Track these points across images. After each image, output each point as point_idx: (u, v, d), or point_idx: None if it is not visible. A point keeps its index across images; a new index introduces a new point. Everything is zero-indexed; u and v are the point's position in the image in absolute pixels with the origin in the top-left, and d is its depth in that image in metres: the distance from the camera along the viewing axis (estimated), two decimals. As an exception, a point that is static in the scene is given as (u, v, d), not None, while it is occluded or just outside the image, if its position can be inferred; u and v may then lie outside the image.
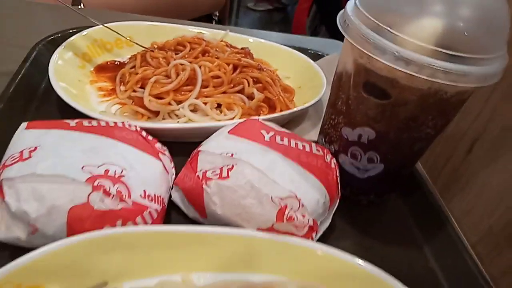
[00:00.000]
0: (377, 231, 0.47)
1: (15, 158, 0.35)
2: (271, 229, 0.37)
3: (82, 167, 0.34)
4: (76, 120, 0.41)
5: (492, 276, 0.46)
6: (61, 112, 0.51)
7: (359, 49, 0.36)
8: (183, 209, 0.42)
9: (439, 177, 0.64)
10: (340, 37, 0.41)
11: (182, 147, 0.46)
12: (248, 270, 0.37)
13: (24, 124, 0.39)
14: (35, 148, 0.35)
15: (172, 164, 0.44)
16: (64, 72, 0.53)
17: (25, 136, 0.38)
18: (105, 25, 0.59)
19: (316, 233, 0.40)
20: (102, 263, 0.33)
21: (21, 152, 0.35)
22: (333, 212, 0.43)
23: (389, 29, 0.34)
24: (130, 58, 0.60)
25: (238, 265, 0.37)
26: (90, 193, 0.33)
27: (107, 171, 0.35)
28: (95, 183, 0.34)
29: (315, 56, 0.71)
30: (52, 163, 0.34)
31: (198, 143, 0.44)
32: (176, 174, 0.43)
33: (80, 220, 0.33)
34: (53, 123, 0.40)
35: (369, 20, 0.36)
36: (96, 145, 0.38)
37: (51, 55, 0.54)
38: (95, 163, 0.35)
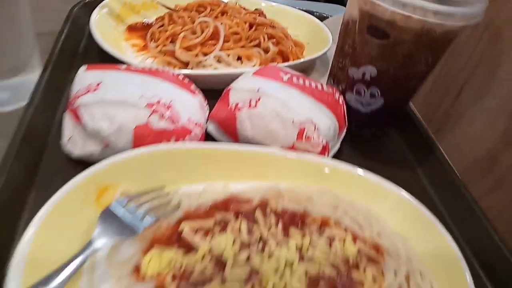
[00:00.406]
0: (378, 159, 0.54)
1: (85, 90, 0.43)
2: (292, 148, 0.46)
3: (140, 96, 0.42)
4: (124, 65, 0.49)
5: (476, 195, 0.54)
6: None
7: (364, -4, 0.44)
8: (217, 138, 0.50)
9: (432, 119, 0.73)
10: (340, 3, 0.49)
11: (207, 93, 0.53)
12: (273, 180, 0.45)
13: (83, 67, 0.47)
14: (99, 83, 0.43)
15: (206, 102, 0.52)
16: (102, 31, 0.60)
17: (87, 76, 0.45)
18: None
19: (328, 154, 0.48)
20: (161, 171, 0.42)
21: (88, 85, 0.43)
22: (341, 139, 0.52)
23: (388, -22, 0.42)
24: (156, 19, 0.67)
25: (266, 176, 0.45)
26: (149, 116, 0.41)
27: (159, 100, 0.43)
28: (153, 108, 0.42)
29: (321, 17, 0.78)
30: (116, 92, 0.42)
31: (221, 90, 0.52)
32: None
33: (143, 137, 0.41)
34: (107, 66, 0.48)
35: (371, -29, 0.43)
36: (146, 82, 0.46)
37: (87, 17, 0.61)
38: (149, 95, 0.43)
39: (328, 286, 0.34)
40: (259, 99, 0.46)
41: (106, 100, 0.41)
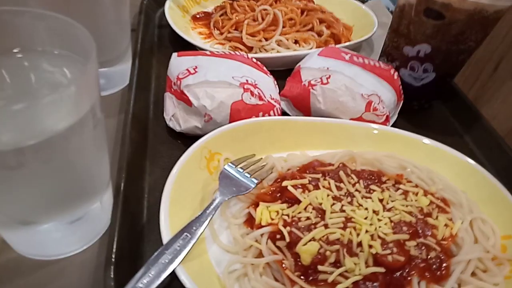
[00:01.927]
0: (428, 128, 0.60)
1: (185, 73, 0.50)
2: (360, 118, 0.53)
3: (232, 77, 0.49)
4: (207, 51, 0.56)
5: None
6: (176, 50, 0.65)
7: (422, -18, 0.50)
8: (289, 113, 0.57)
9: (469, 93, 0.79)
10: None
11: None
12: (345, 147, 0.52)
13: (175, 54, 0.54)
14: (196, 67, 0.50)
15: (276, 82, 0.58)
16: (174, 21, 0.67)
17: (181, 61, 0.52)
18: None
19: (389, 124, 0.55)
20: (252, 140, 0.49)
21: (187, 69, 0.50)
22: (398, 110, 0.58)
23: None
24: (215, 8, 0.74)
25: (338, 144, 0.52)
26: (242, 93, 0.48)
27: (247, 80, 0.50)
28: (245, 87, 0.49)
29: (361, 1, 0.84)
30: (214, 74, 0.49)
31: (284, 71, 0.58)
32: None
33: (238, 111, 0.48)
34: (195, 53, 0.55)
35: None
36: (232, 65, 0.53)
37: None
38: (238, 75, 0.50)
39: (410, 229, 0.41)
40: (329, 76, 0.53)
41: (207, 81, 0.48)
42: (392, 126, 0.57)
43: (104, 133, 0.36)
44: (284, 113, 0.57)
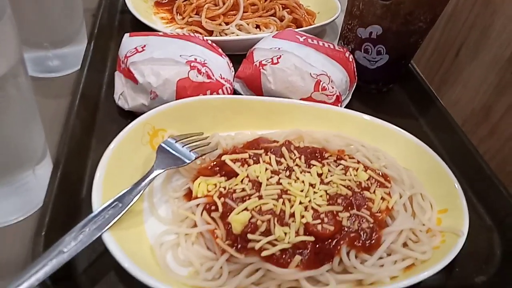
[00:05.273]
0: (384, 111, 0.60)
1: (133, 52, 0.50)
2: (310, 98, 0.53)
3: (180, 55, 0.50)
4: (161, 32, 0.56)
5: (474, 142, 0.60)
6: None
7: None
8: (243, 94, 0.57)
9: (434, 79, 0.79)
10: None
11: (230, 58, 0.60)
12: (294, 127, 0.52)
13: (127, 34, 0.55)
14: (145, 46, 0.51)
15: (231, 64, 0.59)
16: (135, 6, 0.67)
17: (132, 40, 0.53)
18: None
19: (341, 105, 0.55)
20: (199, 119, 0.49)
21: (135, 48, 0.51)
22: (351, 92, 0.59)
23: None
24: (180, -6, 0.74)
25: (288, 124, 0.52)
26: (189, 71, 0.49)
27: (195, 59, 0.51)
28: (191, 65, 0.49)
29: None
30: (160, 52, 0.49)
31: (244, 55, 0.58)
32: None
33: (184, 89, 0.49)
34: (147, 33, 0.55)
35: None
36: (182, 45, 0.53)
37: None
38: (187, 54, 0.51)
39: (344, 202, 0.41)
40: (280, 57, 0.53)
41: (153, 58, 0.48)
42: (348, 107, 0.58)
43: (33, 101, 0.36)
44: (237, 94, 0.57)
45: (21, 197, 0.39)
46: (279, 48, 0.54)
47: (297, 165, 0.45)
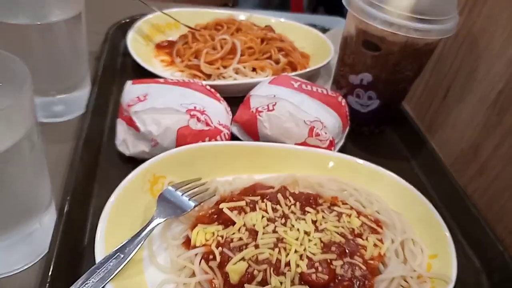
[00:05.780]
0: (377, 153, 0.63)
1: (135, 101, 0.52)
2: (304, 143, 0.55)
3: (180, 104, 0.52)
4: (162, 79, 0.59)
5: (463, 184, 0.62)
6: (138, 77, 0.68)
7: (359, 18, 0.54)
8: (240, 138, 0.59)
9: (424, 119, 0.82)
10: (339, 14, 0.58)
11: (228, 100, 0.62)
12: (289, 171, 0.54)
13: (129, 82, 0.57)
14: (146, 95, 0.53)
15: (229, 108, 0.61)
16: (136, 49, 0.70)
17: (134, 88, 0.55)
18: (164, 11, 0.76)
19: (334, 148, 0.57)
20: (199, 164, 0.51)
21: (137, 97, 0.53)
22: (345, 136, 0.61)
23: (378, 3, 0.52)
24: (179, 37, 0.77)
25: (283, 168, 0.54)
26: (189, 119, 0.51)
27: (195, 107, 0.53)
28: (191, 113, 0.51)
29: (322, 30, 0.88)
30: (162, 101, 0.52)
31: (241, 98, 0.61)
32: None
33: (184, 136, 0.51)
34: (149, 80, 0.58)
35: (365, -3, 0.53)
36: (182, 92, 0.56)
37: (120, 38, 0.71)
38: (187, 102, 0.53)
39: (338, 249, 0.43)
40: (275, 104, 0.56)
41: (154, 108, 0.51)
42: (341, 151, 0.60)
43: (43, 157, 0.38)
44: (236, 138, 0.59)
45: (27, 246, 0.41)
46: (274, 96, 0.57)
47: (292, 212, 0.46)
